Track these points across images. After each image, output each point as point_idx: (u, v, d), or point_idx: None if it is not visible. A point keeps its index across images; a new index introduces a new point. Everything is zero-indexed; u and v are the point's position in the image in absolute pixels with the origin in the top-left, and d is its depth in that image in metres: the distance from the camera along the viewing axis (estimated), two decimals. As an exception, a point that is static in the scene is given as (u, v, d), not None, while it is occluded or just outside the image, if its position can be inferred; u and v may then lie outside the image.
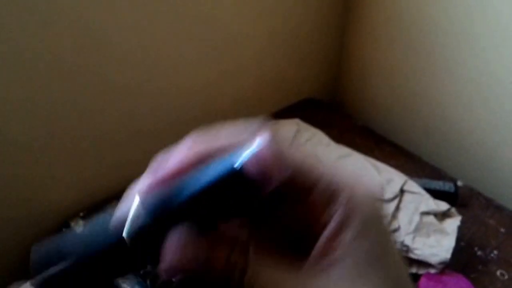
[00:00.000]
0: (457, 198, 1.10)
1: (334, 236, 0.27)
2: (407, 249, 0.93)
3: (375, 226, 0.28)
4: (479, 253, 1.01)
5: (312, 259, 0.28)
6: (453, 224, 0.98)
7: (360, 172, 1.06)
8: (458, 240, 0.96)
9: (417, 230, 0.96)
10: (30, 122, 0.91)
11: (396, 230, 0.96)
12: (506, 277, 0.96)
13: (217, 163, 0.27)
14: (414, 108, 1.36)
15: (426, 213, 0.99)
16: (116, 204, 0.91)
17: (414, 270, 0.93)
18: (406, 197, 1.03)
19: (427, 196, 1.03)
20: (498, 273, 0.97)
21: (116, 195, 1.09)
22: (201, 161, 0.28)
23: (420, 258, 0.92)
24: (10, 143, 0.91)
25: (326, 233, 0.28)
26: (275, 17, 1.23)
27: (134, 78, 1.03)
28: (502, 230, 1.06)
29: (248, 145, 0.26)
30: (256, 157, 0.26)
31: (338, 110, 1.55)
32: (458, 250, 0.95)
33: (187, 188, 0.27)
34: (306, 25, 1.33)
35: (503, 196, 1.18)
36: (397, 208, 1.01)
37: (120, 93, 1.02)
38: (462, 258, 0.98)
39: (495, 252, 1.01)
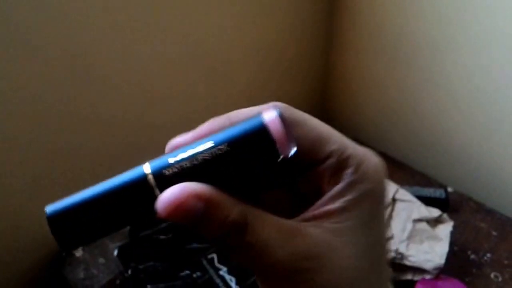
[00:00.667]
0: (448, 204, 1.12)
1: (338, 195, 0.29)
2: (402, 256, 0.94)
3: (378, 194, 0.30)
4: (472, 256, 1.02)
5: (312, 209, 0.29)
6: (445, 229, 1.00)
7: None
8: (451, 245, 0.97)
9: (410, 237, 0.97)
10: (26, 152, 0.92)
11: (390, 238, 0.97)
12: (500, 279, 0.97)
13: (244, 123, 0.28)
14: (402, 118, 1.37)
15: (419, 220, 1.00)
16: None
17: (409, 276, 0.94)
18: (398, 205, 1.05)
19: (418, 203, 1.05)
20: (492, 275, 0.98)
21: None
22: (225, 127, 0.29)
23: (415, 264, 0.93)
24: (8, 169, 0.92)
25: (331, 192, 0.29)
26: (262, 35, 1.24)
27: (124, 108, 1.03)
28: (494, 233, 1.07)
29: (268, 112, 0.28)
30: (280, 119, 0.27)
31: (327, 123, 1.56)
32: (451, 255, 0.96)
33: (214, 140, 0.27)
34: (293, 42, 1.34)
35: (493, 199, 1.19)
36: (390, 216, 1.02)
37: (113, 116, 1.03)
38: (456, 263, 0.99)
39: (488, 255, 1.02)
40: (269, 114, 0.28)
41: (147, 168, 0.27)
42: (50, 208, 0.27)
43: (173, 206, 0.25)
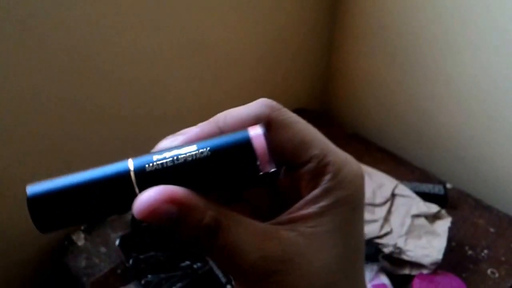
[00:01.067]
0: (446, 200, 1.12)
1: (314, 200, 0.29)
2: (400, 251, 0.95)
3: (354, 201, 0.30)
4: (470, 252, 1.03)
5: (288, 213, 0.30)
6: (443, 225, 1.00)
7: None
8: (449, 240, 0.98)
9: (409, 232, 0.98)
10: (30, 138, 0.93)
11: (389, 233, 0.98)
12: (497, 275, 0.98)
13: (230, 135, 0.29)
14: (402, 114, 1.38)
15: (417, 215, 1.01)
16: (115, 217, 0.93)
17: (407, 271, 0.95)
18: (398, 200, 1.06)
19: (417, 199, 1.06)
20: (489, 271, 0.98)
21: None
22: (213, 134, 0.30)
23: (413, 259, 0.94)
24: (11, 161, 0.93)
25: (308, 197, 0.30)
26: (265, 33, 1.24)
27: (123, 100, 1.04)
28: (492, 229, 1.08)
29: (254, 128, 0.29)
30: (265, 138, 0.28)
31: (328, 120, 1.57)
32: (449, 250, 0.97)
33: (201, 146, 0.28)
34: (295, 39, 1.35)
35: (491, 196, 1.20)
36: (389, 211, 1.03)
37: (113, 110, 1.04)
38: (454, 258, 1.00)
39: (486, 251, 1.03)
40: (256, 131, 0.28)
41: (130, 163, 0.28)
42: (31, 189, 0.28)
43: (148, 210, 0.26)
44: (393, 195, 1.07)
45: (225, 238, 0.27)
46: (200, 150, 0.28)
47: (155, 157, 0.28)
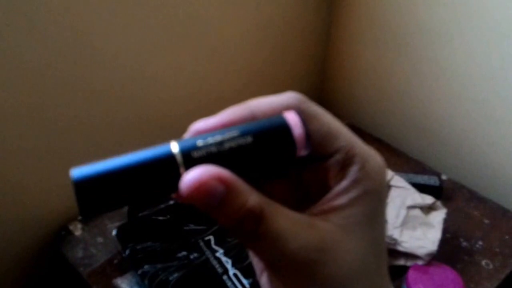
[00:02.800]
0: (441, 191, 1.13)
1: (344, 191, 0.30)
2: (395, 242, 0.96)
3: (380, 192, 0.31)
4: (464, 244, 1.03)
5: (319, 204, 0.31)
6: (438, 216, 1.01)
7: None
8: (444, 232, 0.98)
9: (404, 223, 0.98)
10: (29, 127, 0.93)
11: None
12: (491, 266, 0.99)
13: (267, 120, 0.30)
14: (398, 105, 1.38)
15: (412, 206, 1.01)
16: (109, 211, 0.93)
17: (402, 262, 0.96)
18: (393, 191, 1.06)
19: (412, 190, 1.06)
20: (483, 263, 0.99)
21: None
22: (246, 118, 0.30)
23: (408, 250, 0.95)
24: (9, 148, 0.92)
25: (338, 188, 0.30)
26: (261, 18, 1.24)
27: (127, 85, 1.04)
28: (486, 221, 1.09)
29: (291, 114, 0.30)
30: (302, 123, 0.29)
31: (324, 109, 1.56)
32: (444, 241, 0.97)
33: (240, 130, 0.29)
34: (292, 27, 1.34)
35: (486, 188, 1.21)
36: (384, 203, 1.03)
37: (114, 100, 1.03)
38: (448, 250, 1.01)
39: (480, 242, 1.04)
40: (292, 116, 0.29)
41: (175, 147, 0.28)
42: (76, 172, 0.28)
43: (196, 185, 0.26)
44: (388, 186, 1.07)
45: (268, 224, 0.27)
46: (244, 138, 0.28)
47: (198, 142, 0.28)
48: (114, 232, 1.00)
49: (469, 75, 1.16)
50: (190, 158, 0.28)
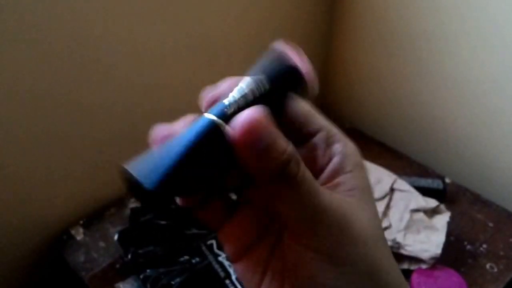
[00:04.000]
0: (445, 194, 1.12)
1: (339, 167, 0.32)
2: (399, 245, 0.95)
3: (364, 165, 0.33)
4: (468, 247, 1.03)
5: (321, 183, 0.32)
6: (442, 220, 1.00)
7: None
8: (448, 235, 0.98)
9: (407, 227, 0.98)
10: (30, 131, 0.93)
11: (388, 227, 0.98)
12: (495, 269, 0.98)
13: (271, 62, 0.32)
14: (400, 108, 1.38)
15: (416, 210, 1.01)
16: (114, 212, 0.93)
17: (405, 266, 0.95)
18: (396, 195, 1.05)
19: (416, 193, 1.06)
20: (487, 266, 0.99)
21: (113, 203, 1.11)
22: None
23: (412, 254, 0.94)
24: (11, 153, 0.92)
25: (334, 164, 0.32)
26: (262, 27, 1.24)
27: (130, 92, 1.04)
28: (490, 224, 1.08)
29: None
30: (303, 59, 0.31)
31: (325, 113, 1.55)
32: (448, 245, 0.97)
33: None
34: (293, 30, 1.34)
35: (490, 191, 1.20)
36: (388, 206, 1.03)
37: (116, 106, 1.03)
38: (452, 253, 1.00)
39: (484, 246, 1.03)
40: (295, 56, 0.32)
41: (209, 115, 0.29)
42: (143, 178, 0.28)
43: (250, 124, 0.26)
44: (391, 190, 1.07)
45: (306, 173, 0.28)
46: (262, 82, 0.30)
47: (226, 101, 0.29)
48: (116, 237, 1.00)
49: (473, 78, 1.15)
50: (227, 116, 0.28)
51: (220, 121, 0.28)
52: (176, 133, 0.30)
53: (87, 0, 0.88)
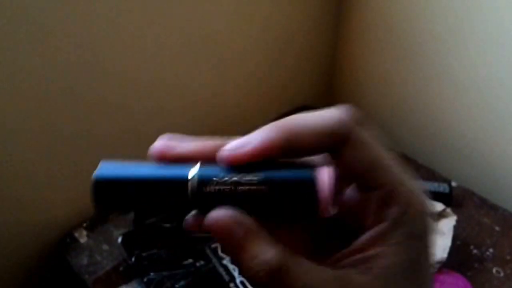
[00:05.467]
0: (451, 198, 1.11)
1: (382, 235, 0.27)
2: (405, 249, 0.94)
3: (425, 238, 0.28)
4: (475, 251, 1.02)
5: (350, 251, 0.28)
6: (448, 224, 0.99)
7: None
8: (454, 239, 0.97)
9: (413, 231, 0.97)
10: (33, 133, 0.92)
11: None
12: (502, 274, 0.97)
13: (294, 172, 0.29)
14: (407, 112, 1.37)
15: (422, 214, 1.00)
16: (118, 214, 0.92)
17: (411, 270, 0.94)
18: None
19: (422, 197, 1.04)
20: (494, 270, 0.98)
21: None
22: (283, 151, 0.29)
23: (418, 258, 0.93)
24: (13, 155, 0.92)
25: (377, 231, 0.27)
26: (270, 27, 1.24)
27: (133, 91, 1.03)
28: (497, 228, 1.07)
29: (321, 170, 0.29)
30: (326, 184, 0.28)
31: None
32: (454, 249, 0.96)
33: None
34: (299, 34, 1.34)
35: (497, 195, 1.19)
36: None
37: (120, 106, 1.03)
38: (459, 257, 0.99)
39: (491, 250, 1.02)
40: (322, 174, 0.28)
41: (192, 174, 0.29)
42: (100, 170, 0.30)
43: (218, 224, 0.27)
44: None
45: (292, 281, 0.26)
46: (260, 186, 0.28)
47: (215, 179, 0.28)
48: (119, 239, 0.99)
49: (480, 81, 1.14)
50: (202, 192, 0.28)
51: (191, 187, 0.28)
52: (175, 154, 0.30)
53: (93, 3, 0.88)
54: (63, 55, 0.89)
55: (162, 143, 0.31)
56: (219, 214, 0.27)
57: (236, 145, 0.29)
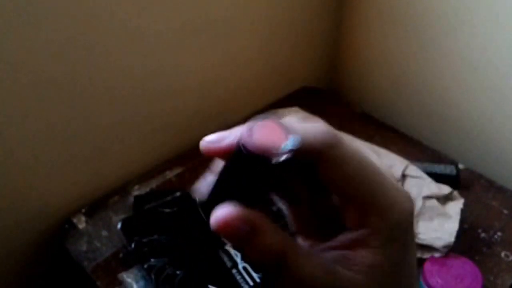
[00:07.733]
0: (459, 181, 1.10)
1: (363, 241, 0.29)
2: (411, 234, 0.93)
3: (404, 240, 0.30)
4: (482, 235, 1.01)
5: (335, 245, 0.30)
6: (456, 207, 0.99)
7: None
8: (462, 223, 0.96)
9: (420, 214, 0.96)
10: (30, 118, 0.91)
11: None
12: (511, 258, 0.96)
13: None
14: (413, 92, 1.35)
15: (429, 197, 0.99)
16: (117, 200, 0.92)
17: (418, 254, 0.93)
18: (408, 181, 1.03)
19: (429, 180, 1.03)
20: (502, 254, 0.97)
21: (116, 191, 1.09)
22: None
23: (424, 242, 0.92)
24: (10, 140, 0.90)
25: (356, 234, 0.29)
26: (271, 7, 1.22)
27: (133, 75, 1.02)
28: (505, 211, 1.06)
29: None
30: (249, 133, 0.27)
31: (336, 98, 1.54)
32: (461, 233, 0.95)
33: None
34: (302, 13, 1.32)
35: (505, 177, 1.18)
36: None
37: (118, 90, 1.02)
38: (466, 241, 0.98)
39: (499, 233, 1.01)
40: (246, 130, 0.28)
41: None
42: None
43: (223, 225, 0.27)
44: (403, 176, 1.05)
45: (291, 268, 0.28)
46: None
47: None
48: (119, 225, 0.98)
49: (487, 61, 1.13)
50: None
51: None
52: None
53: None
54: (63, 40, 0.88)
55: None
56: (220, 214, 0.28)
57: (214, 138, 0.30)
